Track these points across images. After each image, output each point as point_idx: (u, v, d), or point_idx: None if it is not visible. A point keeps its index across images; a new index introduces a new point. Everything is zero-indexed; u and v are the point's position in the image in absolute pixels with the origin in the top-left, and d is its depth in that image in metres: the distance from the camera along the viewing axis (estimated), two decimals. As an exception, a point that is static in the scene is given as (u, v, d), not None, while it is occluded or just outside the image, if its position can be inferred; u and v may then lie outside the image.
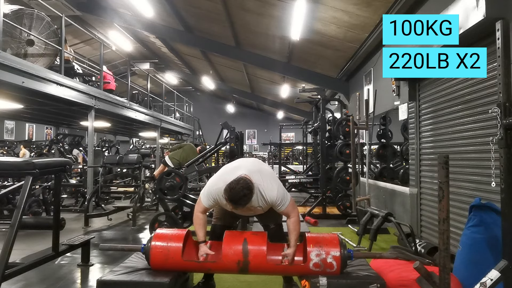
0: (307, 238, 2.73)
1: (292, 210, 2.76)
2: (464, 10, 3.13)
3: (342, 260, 2.60)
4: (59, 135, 10.85)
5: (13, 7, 5.85)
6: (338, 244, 2.66)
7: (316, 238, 2.73)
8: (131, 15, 10.00)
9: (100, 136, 14.86)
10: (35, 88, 5.46)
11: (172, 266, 2.70)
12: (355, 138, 6.14)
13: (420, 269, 2.09)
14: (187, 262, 2.70)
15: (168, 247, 2.69)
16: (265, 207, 2.72)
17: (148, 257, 2.70)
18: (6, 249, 2.61)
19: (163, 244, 2.71)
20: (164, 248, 2.69)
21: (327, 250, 2.62)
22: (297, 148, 18.46)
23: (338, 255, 2.60)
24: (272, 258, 2.69)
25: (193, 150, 7.88)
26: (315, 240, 2.70)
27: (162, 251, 2.68)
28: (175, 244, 2.70)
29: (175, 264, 2.69)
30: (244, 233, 2.87)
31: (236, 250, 2.65)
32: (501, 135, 2.11)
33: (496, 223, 2.51)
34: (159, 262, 2.69)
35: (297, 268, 2.69)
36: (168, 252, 2.68)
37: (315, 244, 2.66)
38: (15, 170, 3.11)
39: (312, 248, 2.63)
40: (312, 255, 2.60)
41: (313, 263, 2.59)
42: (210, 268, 2.77)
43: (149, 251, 2.69)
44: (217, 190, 2.66)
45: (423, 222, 4.68)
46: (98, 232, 5.62)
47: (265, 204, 2.69)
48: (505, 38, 2.15)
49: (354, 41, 7.17)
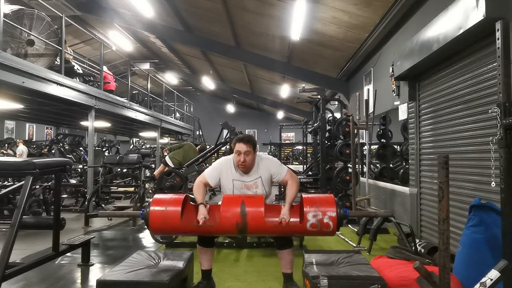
0: (304, 199, 2.77)
1: (291, 177, 2.95)
2: (464, 10, 3.13)
3: (338, 220, 2.67)
4: (59, 135, 10.87)
5: (14, 7, 5.86)
6: (334, 204, 2.73)
7: (312, 199, 2.79)
8: (131, 15, 10.00)
9: (100, 136, 14.87)
10: (35, 88, 5.47)
11: (171, 228, 2.73)
12: (355, 138, 6.13)
13: (420, 269, 2.09)
14: (186, 224, 2.72)
15: (166, 210, 2.72)
16: (264, 175, 2.91)
17: (147, 220, 2.72)
18: (7, 249, 2.61)
19: (162, 208, 2.74)
20: (163, 211, 2.72)
21: (323, 210, 2.67)
22: (297, 148, 18.47)
23: (335, 216, 2.66)
24: (270, 220, 2.73)
25: (193, 150, 7.90)
26: (312, 201, 2.75)
27: (161, 214, 2.71)
28: (173, 207, 2.72)
29: (174, 227, 2.71)
30: (242, 196, 2.87)
31: (235, 211, 2.69)
32: (501, 135, 2.11)
33: (496, 223, 2.51)
34: (158, 224, 2.71)
35: (295, 228, 2.74)
36: (166, 214, 2.70)
37: (312, 204, 2.71)
38: (15, 170, 3.11)
39: (309, 209, 2.68)
40: (309, 216, 2.66)
41: (310, 224, 2.65)
42: (209, 230, 2.77)
43: (148, 215, 2.72)
44: (221, 160, 3.03)
45: (423, 222, 4.68)
46: (98, 232, 5.62)
47: (264, 169, 2.92)
48: (505, 38, 2.15)
49: (354, 41, 7.17)
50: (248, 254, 4.20)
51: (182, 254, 3.05)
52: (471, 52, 3.53)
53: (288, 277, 2.96)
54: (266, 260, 3.92)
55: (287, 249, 2.90)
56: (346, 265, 2.83)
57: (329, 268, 2.75)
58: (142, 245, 4.96)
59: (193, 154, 7.85)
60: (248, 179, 2.94)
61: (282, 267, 2.97)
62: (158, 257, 2.97)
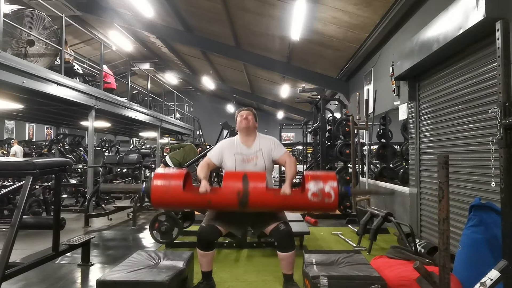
0: (305, 175, 2.82)
1: (289, 156, 3.05)
2: (464, 10, 3.13)
3: (339, 193, 2.70)
4: (59, 135, 10.87)
5: (14, 7, 5.86)
6: (335, 177, 2.78)
7: (314, 174, 2.83)
8: (131, 15, 10.00)
9: (100, 136, 14.88)
10: (35, 88, 5.47)
11: (172, 200, 2.76)
12: (355, 138, 6.14)
13: (420, 269, 2.09)
14: (187, 196, 2.75)
15: (169, 182, 2.76)
16: (264, 149, 2.99)
17: (149, 194, 2.75)
18: (7, 249, 2.61)
19: (164, 181, 2.78)
20: (165, 184, 2.76)
21: (325, 180, 2.73)
22: (297, 148, 18.46)
23: (336, 186, 2.70)
24: (271, 191, 2.77)
25: (193, 151, 7.90)
26: (313, 176, 2.80)
27: (163, 186, 2.75)
28: (175, 181, 2.76)
29: (175, 198, 2.74)
30: (244, 171, 2.90)
31: (237, 182, 2.73)
32: (501, 135, 2.11)
33: (496, 223, 2.51)
34: (160, 196, 2.74)
35: (296, 198, 2.76)
36: (169, 186, 2.74)
37: (313, 178, 2.76)
38: (15, 170, 3.11)
39: (310, 179, 2.74)
40: (310, 185, 2.69)
41: (312, 193, 2.67)
42: (210, 200, 2.77)
43: (150, 188, 2.75)
44: (223, 140, 3.19)
45: (423, 222, 4.68)
46: (98, 232, 5.62)
47: (264, 143, 3.02)
48: (505, 38, 2.15)
49: (354, 41, 7.17)
50: (248, 254, 4.20)
51: (182, 254, 3.05)
52: (471, 52, 3.53)
53: (288, 278, 2.95)
54: (266, 260, 3.92)
55: (289, 252, 2.85)
56: (346, 265, 2.83)
57: (329, 268, 2.75)
58: (142, 245, 4.96)
59: (194, 155, 7.84)
60: (249, 151, 3.00)
61: (283, 268, 2.95)
62: (158, 257, 2.96)
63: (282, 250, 2.86)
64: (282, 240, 2.84)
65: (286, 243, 2.84)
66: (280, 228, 2.82)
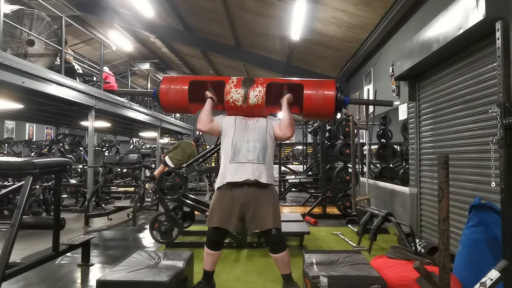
0: (304, 82, 2.94)
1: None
2: (464, 10, 3.13)
3: (337, 95, 2.83)
4: (59, 135, 10.87)
5: (14, 7, 5.86)
6: (334, 85, 2.89)
7: (312, 81, 2.98)
8: (131, 15, 10.00)
9: (100, 136, 14.87)
10: (35, 88, 5.47)
11: (179, 101, 2.96)
12: (355, 138, 6.14)
13: (420, 269, 2.09)
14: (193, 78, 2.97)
15: (177, 80, 3.02)
16: (264, 120, 2.98)
17: (158, 96, 2.99)
18: (7, 249, 2.61)
19: (172, 81, 3.02)
20: (172, 88, 3.00)
21: (323, 88, 2.87)
22: (297, 148, 18.46)
23: (334, 93, 2.84)
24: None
25: (189, 145, 7.96)
26: (312, 82, 2.96)
27: (171, 82, 3.00)
28: (181, 85, 2.98)
29: (182, 98, 2.95)
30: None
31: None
32: (501, 135, 2.11)
33: (496, 223, 2.51)
34: (168, 100, 2.98)
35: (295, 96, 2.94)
36: (176, 90, 2.97)
37: (312, 84, 2.93)
38: (15, 170, 3.11)
39: (309, 86, 2.89)
40: (308, 90, 2.86)
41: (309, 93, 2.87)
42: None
43: (159, 91, 3.00)
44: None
45: (423, 222, 4.68)
46: (98, 232, 5.62)
47: (264, 119, 2.99)
48: (505, 38, 2.15)
49: (354, 41, 7.16)
50: (248, 254, 4.20)
51: (182, 254, 3.05)
52: (471, 52, 3.53)
53: (288, 277, 2.95)
54: (266, 260, 3.92)
55: (281, 252, 2.88)
56: (346, 265, 2.83)
57: (329, 268, 2.75)
58: (142, 245, 4.96)
59: (190, 148, 7.89)
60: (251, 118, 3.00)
61: (280, 269, 2.97)
62: (158, 257, 2.96)
63: (274, 252, 2.90)
64: (273, 244, 2.89)
65: (277, 246, 2.88)
66: (271, 233, 2.85)
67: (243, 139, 2.87)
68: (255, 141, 2.87)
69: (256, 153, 2.84)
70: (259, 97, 2.83)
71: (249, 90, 2.83)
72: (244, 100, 2.84)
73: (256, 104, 2.84)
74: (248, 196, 2.84)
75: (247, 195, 2.84)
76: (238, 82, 2.88)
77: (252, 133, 2.90)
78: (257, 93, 2.83)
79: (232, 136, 2.89)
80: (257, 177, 2.81)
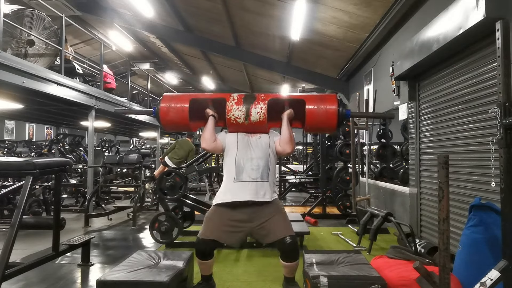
0: (305, 96, 2.97)
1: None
2: (464, 10, 3.13)
3: (339, 114, 2.82)
4: (59, 135, 10.88)
5: (14, 7, 5.86)
6: (335, 99, 2.89)
7: (313, 95, 3.05)
8: (131, 15, 9.99)
9: (100, 136, 14.87)
10: (36, 88, 5.47)
11: (179, 120, 2.93)
12: (355, 138, 6.14)
13: (420, 269, 2.09)
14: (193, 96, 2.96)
15: (177, 99, 2.99)
16: (266, 136, 2.97)
17: (158, 115, 2.95)
18: (7, 249, 2.61)
19: (172, 99, 2.99)
20: (171, 106, 2.95)
21: (324, 103, 2.86)
22: (297, 148, 18.46)
23: (335, 107, 2.84)
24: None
25: (185, 142, 7.98)
26: (313, 97, 2.98)
27: (170, 108, 2.94)
28: (182, 104, 2.94)
29: (183, 117, 2.91)
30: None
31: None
32: (501, 135, 2.11)
33: (496, 223, 2.51)
34: (168, 118, 2.94)
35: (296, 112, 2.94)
36: (176, 108, 2.92)
37: (313, 99, 2.93)
38: (15, 170, 3.11)
39: (310, 101, 2.89)
40: (310, 105, 2.85)
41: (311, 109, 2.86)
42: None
43: (159, 111, 2.95)
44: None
45: (423, 222, 4.68)
46: (98, 232, 5.62)
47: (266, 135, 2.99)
48: (505, 38, 2.15)
49: (354, 41, 7.16)
50: (248, 254, 4.20)
51: (182, 254, 3.05)
52: (471, 52, 3.53)
53: (289, 279, 2.94)
54: (266, 260, 3.92)
55: (294, 262, 2.81)
56: (346, 265, 2.83)
57: (329, 268, 2.75)
58: (142, 245, 4.96)
59: (188, 144, 7.90)
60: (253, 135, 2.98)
61: (285, 273, 2.92)
62: (158, 257, 2.96)
63: (286, 260, 2.81)
64: (287, 252, 2.79)
65: (291, 255, 2.79)
66: (286, 242, 2.74)
67: (246, 157, 2.84)
68: (258, 159, 2.84)
69: (259, 171, 2.81)
70: (261, 114, 2.81)
71: (250, 107, 2.81)
72: (246, 117, 2.81)
73: (258, 121, 2.84)
74: (251, 213, 2.79)
75: (250, 212, 2.79)
76: (239, 100, 2.85)
77: (255, 150, 2.87)
78: (258, 110, 2.81)
79: (235, 155, 2.86)
80: (261, 197, 2.78)
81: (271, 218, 2.80)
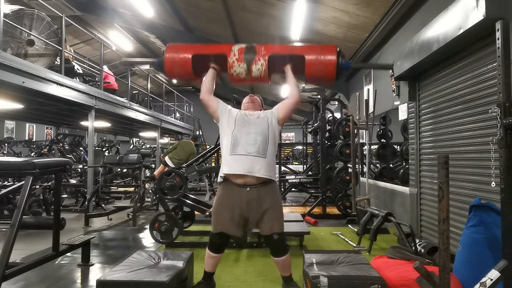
0: (303, 47, 3.06)
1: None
2: (464, 10, 3.13)
3: (338, 66, 2.85)
4: (59, 135, 10.88)
5: (14, 7, 5.86)
6: (335, 50, 2.90)
7: (312, 46, 3.07)
8: (131, 15, 10.00)
9: (100, 136, 14.86)
10: (36, 88, 5.46)
11: (184, 67, 2.97)
12: (355, 138, 6.14)
13: (420, 269, 2.09)
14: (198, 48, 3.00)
15: (181, 49, 3.03)
16: (264, 112, 2.99)
17: (163, 66, 3.00)
18: (6, 249, 2.61)
19: (177, 49, 3.03)
20: (176, 56, 3.01)
21: (324, 52, 2.90)
22: (297, 148, 18.47)
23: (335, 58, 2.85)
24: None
25: (188, 144, 7.98)
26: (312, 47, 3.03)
27: (174, 58, 3.00)
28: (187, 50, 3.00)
29: (186, 63, 2.95)
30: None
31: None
32: (501, 135, 2.11)
33: (496, 223, 2.51)
34: (172, 67, 3.00)
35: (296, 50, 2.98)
36: (179, 58, 2.98)
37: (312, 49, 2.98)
38: (15, 170, 3.11)
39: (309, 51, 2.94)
40: (310, 55, 2.90)
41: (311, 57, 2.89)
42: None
43: (163, 60, 3.00)
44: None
45: (423, 222, 4.68)
46: (98, 232, 5.62)
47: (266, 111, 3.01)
48: (505, 38, 2.15)
49: (354, 41, 7.17)
50: (248, 254, 4.20)
51: (182, 254, 3.05)
52: (471, 52, 3.53)
53: (288, 279, 2.95)
54: (266, 260, 3.92)
55: (282, 256, 2.86)
56: (346, 265, 2.83)
57: (329, 268, 2.75)
58: (142, 245, 4.96)
59: (190, 146, 7.90)
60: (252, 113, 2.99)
61: (281, 271, 2.96)
62: (158, 257, 2.96)
63: (275, 256, 2.89)
64: (275, 248, 2.87)
65: (279, 250, 2.86)
66: (273, 238, 2.81)
67: (243, 132, 2.83)
68: (256, 134, 2.81)
69: (256, 146, 2.77)
70: (262, 71, 2.90)
71: (251, 64, 2.88)
72: (247, 73, 2.91)
73: (259, 77, 2.94)
74: (250, 200, 2.77)
75: (250, 200, 2.76)
76: (240, 56, 2.90)
77: (253, 126, 2.86)
78: (259, 67, 2.89)
79: (233, 130, 2.85)
80: (257, 171, 2.72)
81: (266, 212, 2.80)
